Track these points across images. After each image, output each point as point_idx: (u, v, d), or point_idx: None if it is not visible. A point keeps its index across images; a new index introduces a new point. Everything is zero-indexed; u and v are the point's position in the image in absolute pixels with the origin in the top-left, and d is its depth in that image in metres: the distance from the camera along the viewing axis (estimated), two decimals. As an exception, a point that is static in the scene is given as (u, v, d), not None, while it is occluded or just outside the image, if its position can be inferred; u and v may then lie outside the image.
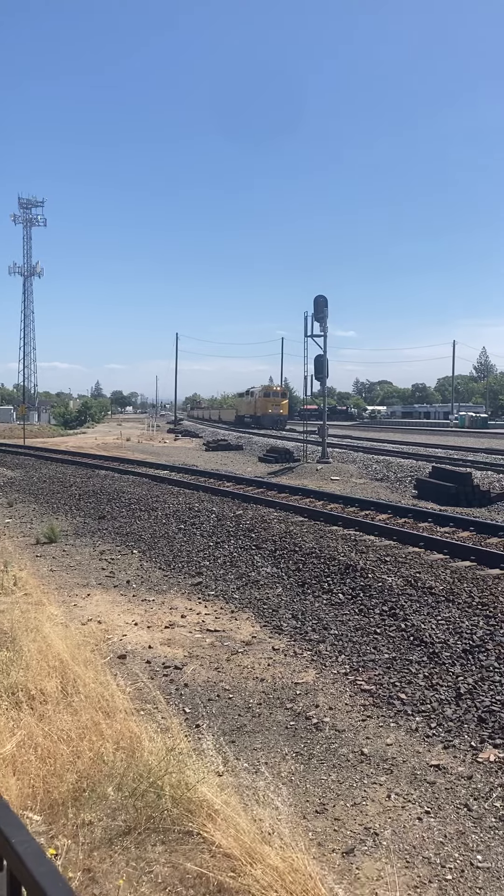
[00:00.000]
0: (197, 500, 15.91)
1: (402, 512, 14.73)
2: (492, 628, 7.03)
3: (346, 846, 3.89)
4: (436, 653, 6.64)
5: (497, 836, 4.01)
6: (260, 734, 5.28)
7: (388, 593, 8.36)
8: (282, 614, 8.15)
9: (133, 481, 20.37)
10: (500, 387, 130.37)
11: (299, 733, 5.29)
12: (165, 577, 10.02)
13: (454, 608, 7.73)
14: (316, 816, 4.21)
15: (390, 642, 7.05)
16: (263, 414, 63.06)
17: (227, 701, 5.87)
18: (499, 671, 6.12)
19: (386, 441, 40.93)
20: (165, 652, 6.99)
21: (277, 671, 6.52)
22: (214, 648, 7.12)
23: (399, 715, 5.58)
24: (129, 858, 3.50)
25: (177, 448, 42.57)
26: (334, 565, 9.67)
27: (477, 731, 5.24)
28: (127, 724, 4.63)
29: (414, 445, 36.17)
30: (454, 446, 35.58)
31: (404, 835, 4.01)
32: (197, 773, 3.97)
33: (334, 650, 7.00)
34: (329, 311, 29.19)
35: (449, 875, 3.66)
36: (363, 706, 5.75)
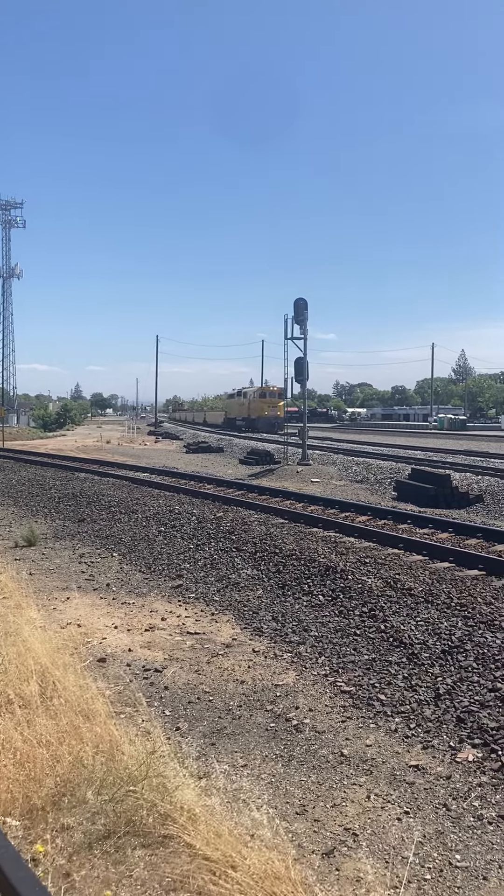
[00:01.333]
0: (177, 503, 15.88)
1: (381, 514, 14.78)
2: (470, 629, 7.08)
3: (327, 847, 3.90)
4: (415, 654, 6.68)
5: (475, 835, 4.04)
6: (240, 736, 5.28)
7: (368, 595, 8.39)
8: (262, 616, 8.16)
9: (113, 484, 20.29)
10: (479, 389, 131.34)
11: (279, 735, 5.30)
12: (146, 580, 9.99)
13: (433, 609, 7.77)
14: (296, 818, 4.21)
15: (370, 643, 7.08)
16: (259, 416, 58.08)
17: (208, 703, 5.86)
18: (477, 671, 6.16)
19: (366, 443, 41.10)
20: (146, 655, 6.97)
21: (258, 673, 6.53)
22: (195, 651, 7.11)
23: (379, 716, 5.60)
24: (109, 863, 3.49)
25: (157, 450, 42.44)
26: (314, 567, 9.70)
27: (456, 732, 5.28)
28: (107, 727, 4.61)
29: (393, 447, 36.34)
30: (433, 448, 35.78)
31: (384, 835, 4.03)
32: (177, 777, 3.97)
33: (314, 652, 7.01)
34: (309, 313, 29.23)
35: (428, 875, 3.68)
36: (343, 707, 5.77)
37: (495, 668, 6.18)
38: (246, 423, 61.29)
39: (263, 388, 62.13)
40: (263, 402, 59.12)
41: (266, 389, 61.42)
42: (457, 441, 47.37)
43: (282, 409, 58.38)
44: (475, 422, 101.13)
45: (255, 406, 59.66)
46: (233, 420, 66.25)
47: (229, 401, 74.02)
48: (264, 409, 58.50)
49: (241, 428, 61.46)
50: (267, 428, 56.27)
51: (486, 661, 6.34)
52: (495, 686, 5.83)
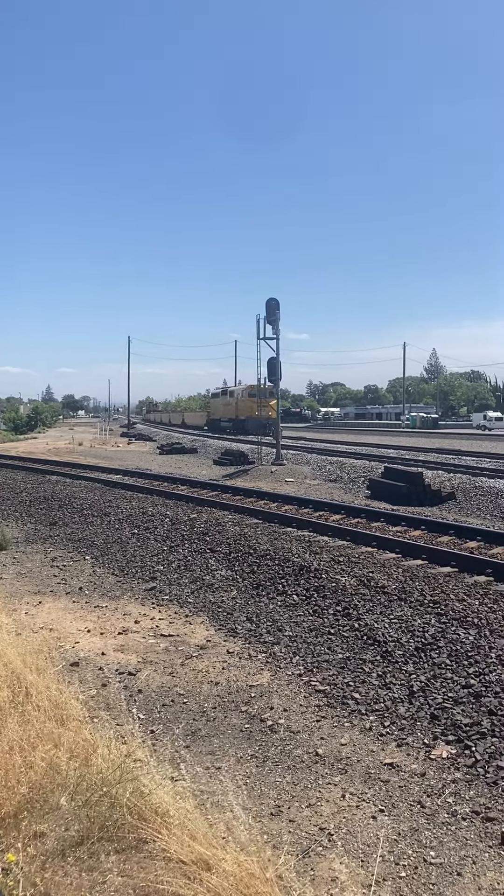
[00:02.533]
0: (150, 505, 15.82)
1: (355, 512, 14.84)
2: (443, 626, 7.13)
3: (302, 848, 3.90)
4: (389, 651, 6.71)
5: (450, 831, 4.06)
6: (215, 738, 5.26)
7: (342, 593, 8.41)
8: (236, 617, 8.14)
9: (85, 486, 20.16)
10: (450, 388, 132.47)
11: (254, 736, 5.29)
12: (119, 583, 9.93)
13: (406, 607, 7.81)
14: (271, 819, 4.21)
15: (344, 642, 7.10)
16: (248, 417, 52.72)
17: (182, 706, 5.84)
18: (450, 668, 6.20)
19: (339, 442, 41.30)
20: (119, 658, 6.92)
21: (232, 674, 6.51)
22: (169, 653, 7.08)
23: (353, 715, 5.61)
24: (83, 869, 3.45)
25: (130, 452, 42.26)
26: (288, 567, 9.70)
27: (430, 729, 5.30)
28: (80, 732, 4.58)
29: (367, 446, 36.55)
30: (406, 447, 36.03)
31: (359, 834, 4.03)
32: (151, 780, 3.94)
33: (289, 651, 7.01)
34: (282, 314, 29.28)
35: (403, 872, 3.69)
36: (317, 707, 5.77)
37: (468, 664, 6.22)
38: (233, 424, 57.19)
39: (253, 387, 55.39)
40: (253, 401, 53.25)
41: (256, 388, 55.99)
42: (429, 439, 47.78)
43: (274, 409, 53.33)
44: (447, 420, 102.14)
45: (244, 406, 54.84)
46: (217, 421, 62.24)
47: (213, 400, 69.81)
48: (254, 409, 52.83)
49: (226, 430, 57.82)
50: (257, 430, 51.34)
51: (460, 657, 6.38)
52: (468, 682, 5.88)
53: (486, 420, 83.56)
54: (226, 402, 61.34)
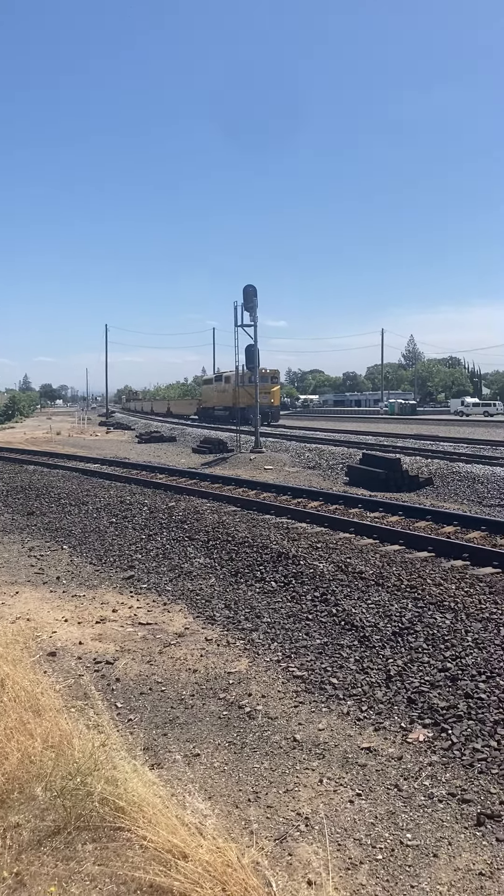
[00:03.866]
0: (129, 493, 15.74)
1: (333, 499, 14.87)
2: (420, 610, 7.16)
3: (279, 833, 3.90)
4: (366, 636, 6.73)
5: (426, 813, 4.09)
6: (193, 725, 5.25)
7: (320, 579, 8.43)
8: (215, 604, 8.13)
9: (63, 475, 20.03)
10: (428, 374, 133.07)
11: (232, 723, 5.28)
12: (97, 572, 9.88)
13: (384, 592, 7.84)
14: (249, 805, 4.20)
15: (322, 628, 7.11)
16: (249, 404, 45.46)
17: (160, 694, 5.82)
18: (427, 652, 6.23)
19: (318, 429, 41.37)
20: (97, 647, 6.89)
21: (210, 661, 6.50)
22: (147, 642, 7.06)
23: (331, 700, 5.63)
24: (59, 859, 3.44)
25: (109, 441, 42.06)
26: (267, 554, 9.70)
27: (406, 713, 5.33)
28: (57, 721, 4.55)
29: (345, 433, 36.67)
30: (384, 433, 36.18)
31: (336, 818, 4.04)
32: (128, 769, 3.92)
33: (267, 638, 7.01)
34: (259, 301, 29.19)
35: (380, 855, 3.71)
36: (295, 693, 5.78)
37: (444, 648, 6.26)
38: (230, 413, 50.62)
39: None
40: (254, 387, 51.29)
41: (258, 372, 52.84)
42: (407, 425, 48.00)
43: (276, 395, 49.44)
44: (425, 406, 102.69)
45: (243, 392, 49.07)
46: (209, 410, 55.79)
47: (206, 388, 63.06)
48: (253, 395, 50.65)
49: (220, 418, 52.30)
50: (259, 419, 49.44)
51: (436, 641, 6.42)
52: (445, 666, 5.91)
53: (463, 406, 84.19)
54: (221, 388, 54.75)
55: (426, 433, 35.98)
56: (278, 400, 50.49)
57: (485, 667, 5.79)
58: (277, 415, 50.06)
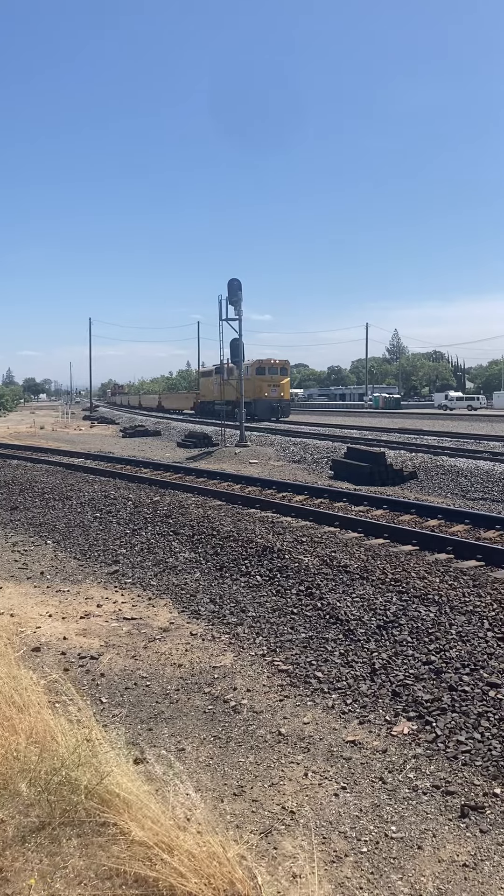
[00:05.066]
0: (113, 488, 15.69)
1: (318, 493, 14.90)
2: (404, 604, 7.19)
3: (264, 827, 3.91)
4: (351, 630, 6.75)
5: (410, 806, 4.11)
6: (178, 720, 5.25)
7: (305, 573, 8.44)
8: (200, 599, 8.13)
9: (47, 470, 19.93)
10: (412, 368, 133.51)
11: (217, 717, 5.29)
12: (81, 567, 9.85)
13: (368, 585, 7.86)
14: (234, 799, 4.21)
15: (307, 621, 7.12)
16: (256, 398, 43.46)
17: (145, 689, 5.81)
18: (411, 645, 6.26)
19: (303, 423, 41.36)
20: (81, 642, 6.87)
21: (195, 656, 6.50)
22: (131, 636, 7.04)
23: (316, 693, 5.64)
24: (43, 854, 3.42)
25: (93, 435, 41.90)
26: (252, 548, 9.70)
27: (391, 706, 5.35)
28: (41, 717, 4.52)
29: (330, 427, 36.70)
30: (369, 427, 36.29)
31: (321, 811, 4.06)
32: (112, 763, 3.91)
33: (252, 632, 7.02)
34: (244, 295, 29.13)
35: (364, 848, 3.72)
36: (280, 686, 5.79)
37: (428, 641, 6.29)
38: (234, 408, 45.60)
39: (262, 362, 46.37)
40: (262, 379, 44.70)
41: (265, 363, 46.25)
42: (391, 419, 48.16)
43: (286, 387, 45.61)
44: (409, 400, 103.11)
45: (249, 386, 44.41)
46: (209, 404, 49.93)
47: (205, 380, 56.79)
48: (263, 388, 44.23)
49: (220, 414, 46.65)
50: (267, 412, 43.61)
51: (420, 634, 6.44)
52: (429, 659, 5.94)
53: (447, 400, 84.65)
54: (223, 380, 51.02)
55: (410, 427, 36.12)
56: (289, 393, 46.18)
57: (468, 660, 5.82)
58: (288, 409, 46.14)
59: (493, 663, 5.72)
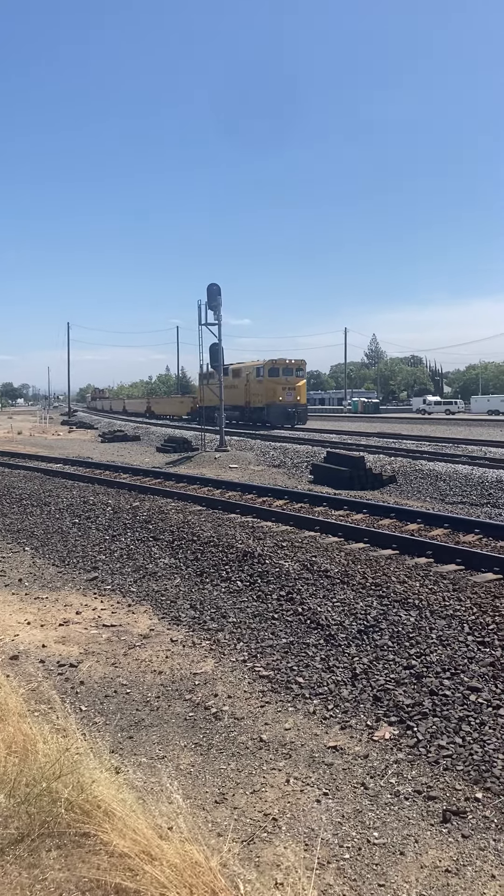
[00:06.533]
0: (92, 493, 15.59)
1: (298, 497, 14.90)
2: (385, 608, 7.20)
3: (247, 834, 3.89)
4: (332, 635, 6.74)
5: (392, 811, 4.10)
6: (158, 728, 5.21)
7: (286, 578, 8.43)
8: (180, 605, 8.09)
9: (24, 476, 19.78)
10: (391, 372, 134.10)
11: (198, 724, 5.26)
12: (60, 574, 9.77)
13: (349, 590, 7.87)
14: (215, 807, 4.18)
15: (288, 627, 7.11)
16: (270, 403, 39.23)
17: (125, 696, 5.77)
18: (392, 650, 6.27)
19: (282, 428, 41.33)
20: (60, 650, 6.81)
21: (176, 663, 6.46)
22: (111, 644, 6.99)
23: (297, 699, 5.63)
24: (22, 867, 3.37)
25: (71, 440, 41.64)
26: (232, 553, 9.68)
27: (372, 710, 5.35)
28: (20, 726, 4.47)
29: (309, 431, 36.76)
30: (348, 431, 36.37)
31: (303, 818, 4.04)
32: (93, 773, 3.87)
33: (233, 638, 7.00)
34: (223, 299, 29.13)
35: (347, 854, 3.71)
36: (262, 692, 5.77)
37: (409, 645, 6.30)
38: (241, 414, 42.31)
39: (276, 362, 40.74)
40: (275, 382, 39.53)
41: (280, 363, 40.64)
42: (370, 423, 48.32)
43: (302, 390, 40.71)
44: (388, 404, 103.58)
45: (260, 388, 40.29)
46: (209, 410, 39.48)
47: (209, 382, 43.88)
48: (277, 391, 39.20)
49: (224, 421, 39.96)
50: (281, 419, 38.96)
51: (401, 638, 6.45)
52: (410, 663, 5.95)
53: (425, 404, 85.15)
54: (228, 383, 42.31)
55: (389, 431, 36.25)
56: (305, 397, 41.47)
57: (449, 664, 5.84)
58: (305, 415, 41.46)
59: (473, 667, 5.74)
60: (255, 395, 40.91)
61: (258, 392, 40.48)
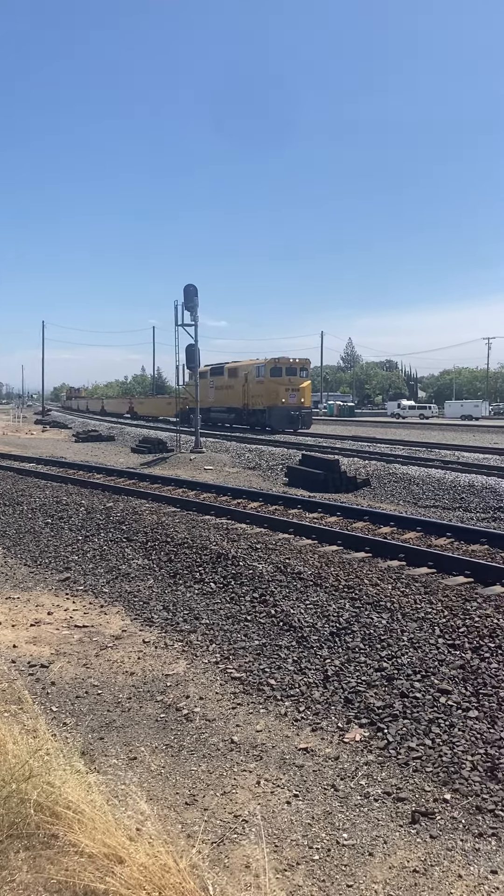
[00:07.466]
0: (65, 494, 15.50)
1: (272, 499, 14.92)
2: (357, 610, 7.23)
3: (217, 836, 3.89)
4: (304, 637, 6.76)
5: (362, 813, 4.13)
6: (129, 729, 5.19)
7: (259, 580, 8.44)
8: (153, 606, 8.07)
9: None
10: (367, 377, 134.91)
11: (169, 725, 5.25)
12: (31, 574, 9.70)
13: (322, 592, 7.89)
14: (186, 808, 4.18)
15: (260, 629, 7.12)
16: (271, 405, 36.89)
17: (96, 697, 5.74)
18: (364, 652, 6.30)
19: (257, 430, 41.35)
20: (31, 650, 6.76)
21: (148, 664, 6.45)
22: (83, 644, 6.96)
23: (269, 701, 5.64)
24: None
25: (45, 440, 41.34)
26: (206, 555, 9.67)
27: (343, 712, 5.37)
28: (-12, 727, 4.44)
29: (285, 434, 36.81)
30: (323, 434, 36.48)
31: (273, 820, 4.05)
32: (63, 774, 3.85)
33: (205, 639, 6.99)
34: (200, 300, 29.11)
35: (316, 855, 3.73)
36: (233, 694, 5.78)
37: (381, 647, 6.34)
38: (239, 416, 40.08)
39: (278, 361, 38.37)
40: (277, 383, 37.21)
41: (282, 362, 38.24)
42: (346, 427, 48.54)
43: (307, 392, 38.36)
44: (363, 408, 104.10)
45: (261, 390, 37.88)
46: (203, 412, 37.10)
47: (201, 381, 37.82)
48: (280, 393, 36.92)
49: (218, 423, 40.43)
50: (284, 422, 36.60)
51: (373, 641, 6.49)
52: (381, 666, 5.98)
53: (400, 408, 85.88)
54: (223, 384, 41.84)
55: (364, 435, 36.44)
56: (309, 399, 38.98)
57: (420, 666, 5.88)
58: (309, 419, 39.14)
59: (443, 670, 5.79)
60: (255, 396, 38.44)
61: (258, 393, 38.07)
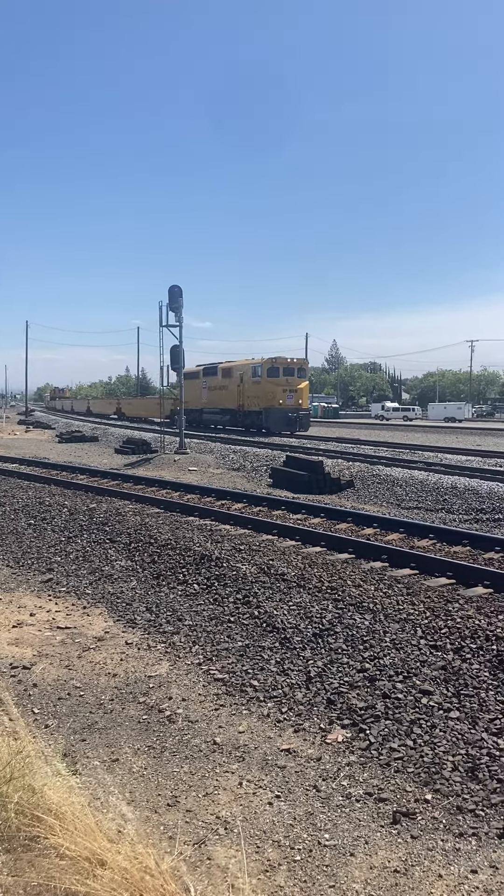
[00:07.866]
0: (48, 494, 15.42)
1: (257, 501, 14.93)
2: (340, 612, 7.25)
3: (198, 837, 3.89)
4: (287, 638, 6.77)
5: (343, 813, 4.14)
6: (112, 730, 5.18)
7: (243, 581, 8.44)
8: (136, 608, 8.05)
9: (-20, 475, 19.49)
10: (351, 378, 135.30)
11: (152, 727, 5.24)
12: (13, 575, 9.65)
13: (305, 593, 7.91)
14: (168, 810, 4.17)
15: (244, 630, 7.12)
16: (268, 407, 35.98)
17: (78, 699, 5.72)
18: (346, 653, 6.32)
19: (242, 431, 41.36)
20: (13, 652, 6.72)
21: (130, 665, 6.43)
22: (65, 646, 6.93)
23: (251, 702, 5.64)
24: (-31, 873, 3.33)
25: (28, 440, 41.14)
26: (190, 556, 9.66)
27: (326, 713, 5.39)
28: (-30, 730, 4.41)
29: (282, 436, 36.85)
30: (307, 436, 36.53)
31: (255, 821, 4.06)
32: (44, 776, 3.84)
33: (188, 641, 6.98)
34: (185, 301, 29.06)
35: (298, 856, 3.73)
36: (216, 695, 5.77)
37: (363, 648, 6.36)
38: (233, 418, 39.24)
39: (276, 361, 37.38)
40: (275, 383, 36.33)
41: (280, 362, 37.31)
42: (330, 428, 48.67)
43: (305, 394, 37.56)
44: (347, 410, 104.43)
45: (257, 391, 36.96)
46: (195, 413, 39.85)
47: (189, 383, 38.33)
48: (277, 394, 36.06)
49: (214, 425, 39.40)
50: (281, 424, 35.85)
51: (355, 642, 6.51)
52: (363, 667, 6.00)
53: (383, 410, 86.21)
54: (217, 384, 40.88)
55: (348, 436, 36.54)
56: (307, 400, 38.07)
57: (402, 667, 5.91)
58: (307, 421, 37.83)
59: (425, 671, 5.81)
60: (251, 397, 37.48)
61: (254, 394, 37.06)
